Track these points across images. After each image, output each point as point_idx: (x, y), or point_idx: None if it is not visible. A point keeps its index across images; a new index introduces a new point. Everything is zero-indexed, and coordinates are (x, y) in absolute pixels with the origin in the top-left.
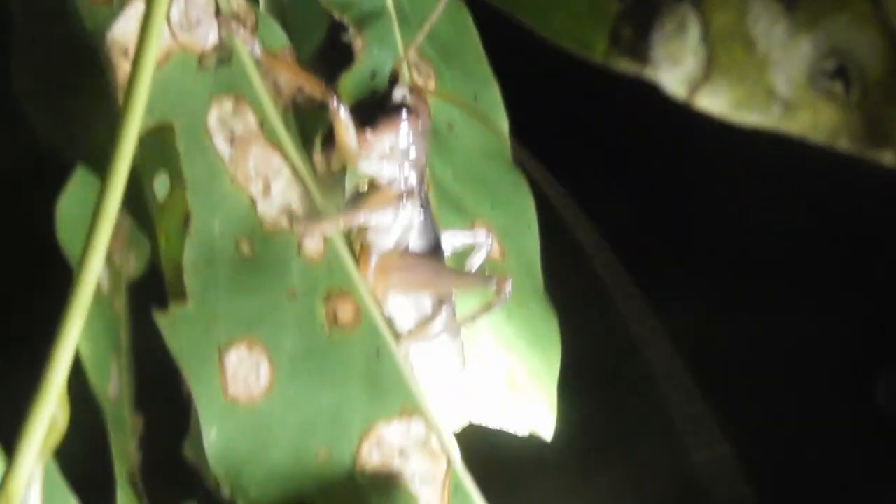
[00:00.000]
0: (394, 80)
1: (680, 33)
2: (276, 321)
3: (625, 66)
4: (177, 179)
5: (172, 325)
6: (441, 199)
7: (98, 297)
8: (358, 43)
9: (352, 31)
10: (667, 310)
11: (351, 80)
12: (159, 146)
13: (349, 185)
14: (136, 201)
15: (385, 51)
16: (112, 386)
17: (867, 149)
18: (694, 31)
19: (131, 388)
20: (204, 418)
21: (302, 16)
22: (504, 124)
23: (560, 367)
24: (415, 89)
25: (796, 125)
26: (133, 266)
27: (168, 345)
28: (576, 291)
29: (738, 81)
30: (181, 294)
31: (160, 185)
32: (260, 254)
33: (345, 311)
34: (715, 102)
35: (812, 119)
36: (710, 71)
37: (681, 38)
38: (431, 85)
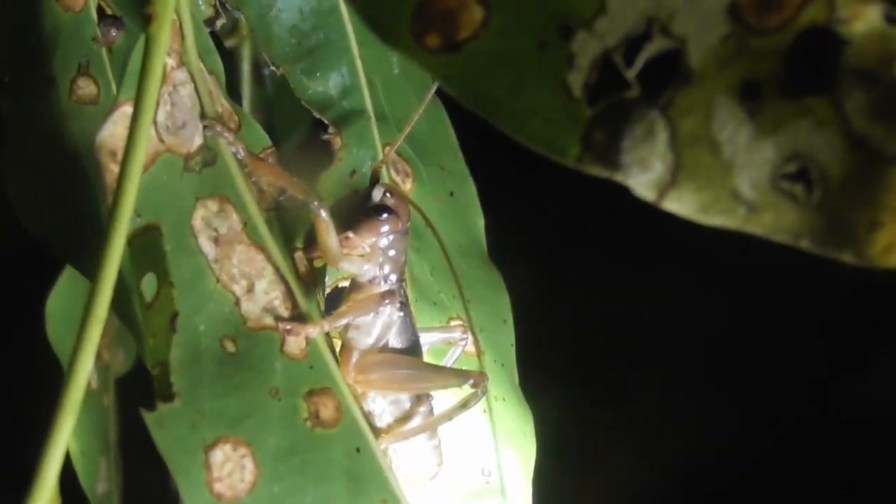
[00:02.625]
0: (374, 180)
1: (648, 139)
2: (259, 419)
3: (597, 171)
4: (163, 279)
5: (160, 423)
6: (418, 296)
7: (87, 393)
8: (337, 142)
9: (331, 130)
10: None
11: (331, 179)
12: (147, 247)
13: (329, 283)
14: (123, 301)
15: (364, 149)
16: (101, 483)
17: (828, 249)
18: (662, 137)
19: (120, 486)
20: None
21: (285, 114)
22: (479, 221)
23: (535, 460)
24: (394, 190)
25: (760, 226)
26: (121, 362)
27: (155, 442)
28: (550, 385)
29: (704, 185)
30: (168, 392)
31: (147, 285)
32: (244, 352)
33: (326, 409)
34: (682, 206)
35: (775, 220)
36: (677, 175)
37: (649, 143)
38: (409, 183)
